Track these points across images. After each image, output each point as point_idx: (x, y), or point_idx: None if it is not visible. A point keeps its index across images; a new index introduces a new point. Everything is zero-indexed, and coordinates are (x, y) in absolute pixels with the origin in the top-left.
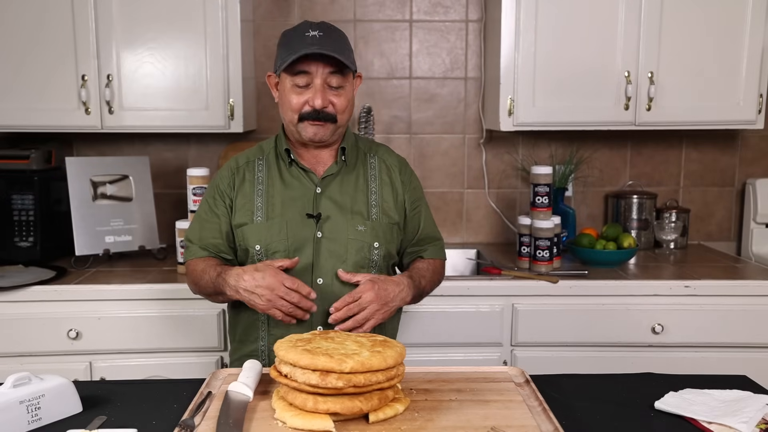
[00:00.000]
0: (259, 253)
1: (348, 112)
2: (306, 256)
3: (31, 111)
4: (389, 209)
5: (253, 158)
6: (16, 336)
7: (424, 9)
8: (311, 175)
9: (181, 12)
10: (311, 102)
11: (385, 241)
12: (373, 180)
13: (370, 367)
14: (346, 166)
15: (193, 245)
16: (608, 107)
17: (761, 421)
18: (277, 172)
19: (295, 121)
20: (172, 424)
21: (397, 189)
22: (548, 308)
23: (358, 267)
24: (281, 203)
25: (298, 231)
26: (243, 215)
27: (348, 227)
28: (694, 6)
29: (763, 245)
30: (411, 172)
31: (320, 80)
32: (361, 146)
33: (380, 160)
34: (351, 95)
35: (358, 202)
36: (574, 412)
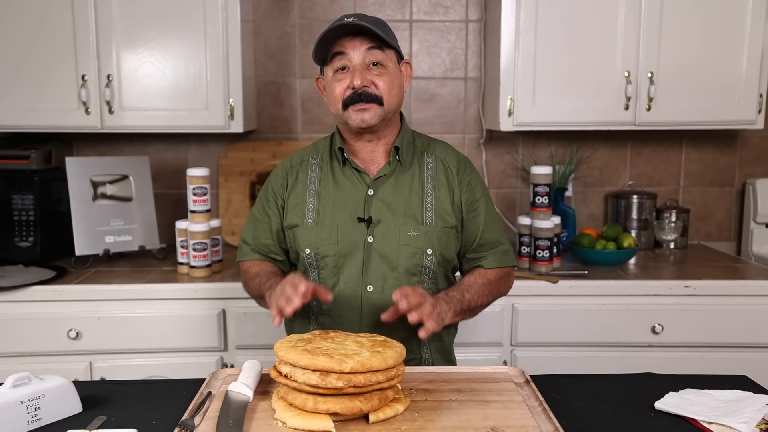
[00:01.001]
0: (309, 256)
1: (396, 95)
2: (356, 262)
3: (31, 111)
4: (445, 212)
5: (307, 157)
6: (16, 336)
7: (424, 9)
8: (364, 176)
9: (181, 12)
10: (351, 83)
11: (440, 246)
12: (429, 181)
13: (370, 367)
14: (400, 165)
15: (246, 246)
16: (608, 107)
17: (761, 422)
18: (330, 172)
19: (341, 111)
20: (172, 424)
21: (454, 190)
22: (548, 308)
23: (409, 275)
24: (332, 205)
25: (348, 235)
26: (294, 216)
27: (400, 232)
28: (694, 6)
29: (763, 245)
30: (471, 171)
31: (358, 57)
32: (418, 144)
33: (438, 160)
34: (397, 78)
35: (411, 205)
36: (574, 412)
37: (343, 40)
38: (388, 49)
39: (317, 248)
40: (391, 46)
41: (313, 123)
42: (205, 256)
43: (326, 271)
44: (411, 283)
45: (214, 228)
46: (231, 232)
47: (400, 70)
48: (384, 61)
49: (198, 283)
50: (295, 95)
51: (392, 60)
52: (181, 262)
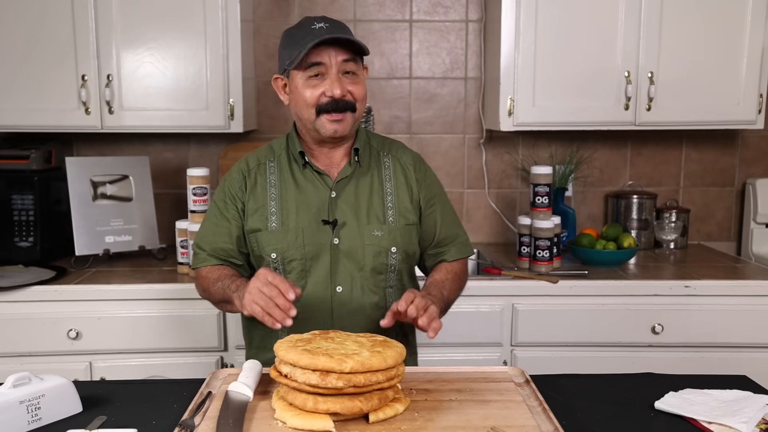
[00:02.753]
0: (275, 261)
1: (364, 101)
2: (324, 264)
3: (31, 111)
4: (406, 210)
5: (264, 160)
6: (16, 336)
7: (424, 9)
8: (326, 178)
9: (181, 12)
10: (328, 92)
11: (403, 244)
12: (388, 180)
13: (370, 367)
14: (360, 167)
15: (203, 252)
16: (608, 107)
17: (761, 421)
18: (290, 175)
19: (312, 117)
20: (172, 424)
21: (412, 188)
22: (548, 308)
23: (375, 273)
24: (296, 208)
25: (314, 238)
26: (256, 221)
27: (364, 232)
28: (694, 6)
29: (763, 245)
30: (426, 169)
31: (335, 68)
32: (374, 144)
33: (394, 159)
34: (365, 84)
35: (373, 206)
36: (574, 412)
37: (319, 48)
38: (360, 58)
39: (284, 252)
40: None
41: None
42: None
43: (293, 274)
44: (378, 281)
45: None
46: None
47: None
48: (356, 70)
49: None
50: None
51: (361, 68)
52: (181, 262)
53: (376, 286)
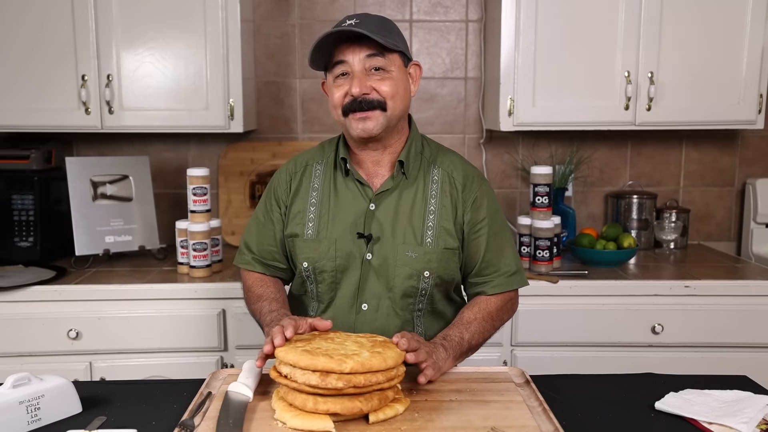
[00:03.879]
0: (307, 270)
1: (401, 99)
2: (353, 279)
3: (31, 111)
4: (447, 233)
5: (312, 162)
6: (16, 336)
7: (424, 9)
8: (366, 189)
9: (181, 12)
10: (350, 91)
11: (438, 269)
12: (432, 197)
13: (370, 367)
14: (405, 179)
15: (249, 253)
16: (608, 107)
17: (761, 422)
18: (332, 182)
19: (341, 118)
20: (172, 424)
21: (458, 208)
22: (548, 308)
23: (405, 296)
24: (333, 218)
25: (347, 250)
26: (295, 226)
27: (398, 252)
28: (694, 6)
29: (763, 245)
30: (478, 188)
31: (358, 65)
32: (426, 154)
33: (444, 173)
34: (403, 81)
35: (412, 224)
36: (574, 412)
37: (342, 46)
38: (391, 53)
39: (315, 262)
40: (393, 50)
41: (313, 123)
42: (205, 256)
43: (324, 285)
44: (405, 304)
45: (214, 228)
46: (231, 232)
47: (407, 73)
48: (386, 66)
49: (198, 283)
50: (295, 95)
51: (396, 64)
52: (181, 262)
53: (402, 309)
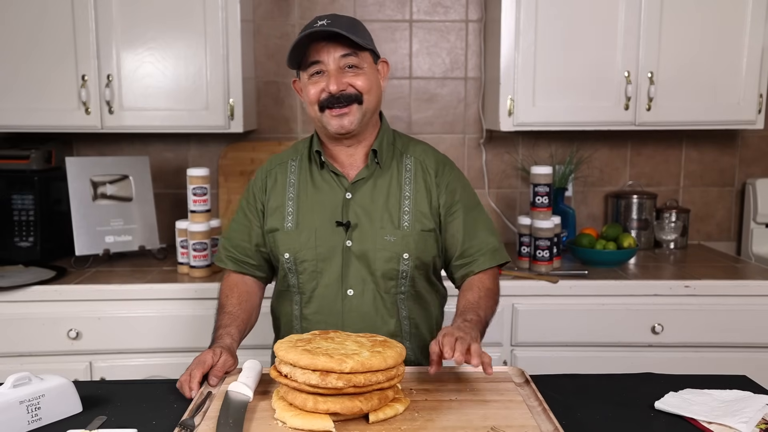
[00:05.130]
0: (289, 261)
1: (375, 94)
2: (335, 266)
3: (31, 111)
4: (423, 216)
5: (286, 159)
6: (16, 336)
7: (424, 9)
8: (342, 179)
9: (181, 12)
10: (327, 87)
11: (416, 250)
12: (407, 184)
13: (370, 367)
14: (379, 168)
15: (224, 250)
16: (608, 107)
17: (761, 421)
18: (309, 175)
19: (318, 114)
20: (172, 424)
21: (432, 192)
22: (548, 308)
23: (386, 279)
24: (311, 209)
25: (327, 239)
26: (274, 220)
27: (376, 236)
28: (694, 6)
29: (763, 245)
30: (450, 173)
31: (333, 64)
32: (398, 145)
33: (416, 161)
34: (375, 77)
35: (389, 209)
36: (574, 412)
37: (317, 45)
38: (363, 51)
39: (296, 253)
40: (365, 48)
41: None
42: (205, 256)
43: (305, 275)
44: (388, 287)
45: (214, 228)
46: None
47: (377, 70)
48: (359, 64)
49: (198, 283)
50: (295, 95)
51: (367, 61)
52: (181, 262)
53: (386, 292)
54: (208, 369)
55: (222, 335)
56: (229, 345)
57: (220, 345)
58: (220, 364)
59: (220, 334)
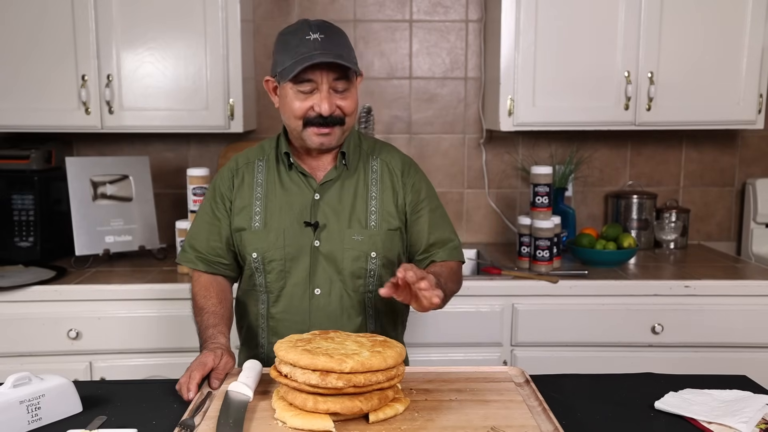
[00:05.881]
0: (256, 261)
1: (356, 113)
2: (303, 266)
3: (31, 111)
4: (389, 215)
5: (253, 159)
6: (16, 336)
7: (424, 9)
8: (310, 180)
9: (181, 12)
10: (317, 108)
11: (383, 249)
12: (373, 184)
13: (370, 367)
14: (346, 170)
15: (191, 251)
16: (608, 107)
17: (761, 421)
18: (277, 176)
19: (299, 128)
20: (172, 424)
21: (398, 192)
22: (548, 308)
23: (354, 277)
24: (279, 209)
25: (295, 239)
26: (241, 220)
27: (344, 236)
28: (694, 6)
29: (763, 245)
30: (415, 173)
31: (326, 87)
32: (364, 148)
33: (383, 163)
34: (356, 96)
35: (356, 210)
36: (574, 412)
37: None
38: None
39: (264, 252)
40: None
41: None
42: None
43: (273, 275)
44: (356, 285)
45: None
46: None
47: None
48: (348, 87)
49: None
50: None
51: (354, 81)
52: None
53: (354, 290)
54: (209, 371)
55: (215, 335)
56: (226, 344)
57: (218, 345)
58: (222, 366)
59: (212, 333)
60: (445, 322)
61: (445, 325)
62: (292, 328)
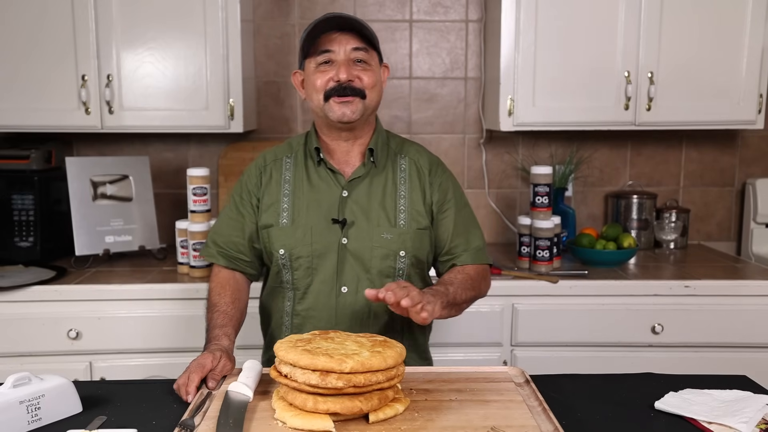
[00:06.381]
0: (284, 257)
1: (377, 92)
2: (330, 263)
3: (31, 111)
4: (418, 214)
5: (281, 156)
6: (16, 336)
7: (424, 9)
8: (338, 177)
9: (181, 12)
10: (335, 76)
11: (413, 248)
12: (402, 183)
13: (370, 367)
14: (374, 167)
15: (214, 246)
16: (608, 107)
17: (761, 421)
18: (305, 172)
19: (321, 102)
20: (172, 424)
21: (426, 191)
22: (548, 308)
23: (382, 276)
24: (307, 206)
25: (322, 236)
26: (269, 216)
27: (373, 234)
28: (694, 6)
29: (763, 245)
30: (443, 172)
31: (344, 54)
32: (392, 146)
33: (411, 161)
34: (379, 77)
35: (385, 207)
36: (574, 412)
37: (330, 35)
38: (372, 50)
39: (291, 249)
40: (375, 47)
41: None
42: None
43: (300, 272)
44: (384, 284)
45: None
46: None
47: (380, 71)
48: (368, 60)
49: (198, 283)
50: (295, 95)
51: (375, 60)
52: (181, 262)
53: None
54: (207, 373)
55: (219, 336)
56: (227, 347)
57: (219, 347)
58: (219, 368)
59: (217, 334)
60: (445, 322)
61: (445, 325)
62: (318, 326)
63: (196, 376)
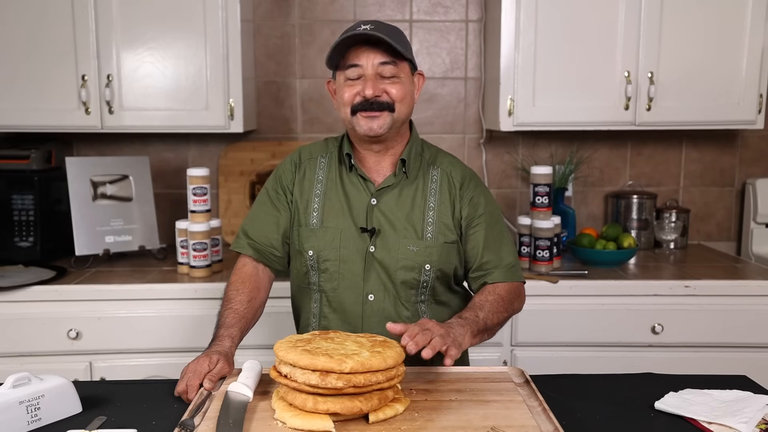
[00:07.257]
0: (312, 258)
1: (407, 104)
2: (357, 270)
3: (31, 111)
4: (446, 227)
5: (316, 155)
6: (16, 336)
7: (424, 9)
8: (369, 184)
9: (181, 12)
10: (362, 92)
11: (439, 262)
12: (432, 195)
13: (370, 367)
14: (405, 177)
15: (245, 237)
16: (608, 107)
17: (761, 422)
18: (337, 175)
19: (348, 115)
20: (172, 424)
21: (455, 205)
22: (548, 308)
23: (407, 287)
24: (337, 210)
25: (351, 242)
26: (300, 214)
27: (399, 246)
28: (694, 6)
29: (763, 245)
30: (475, 187)
31: (371, 69)
32: (426, 156)
33: (443, 173)
34: (410, 88)
35: (412, 219)
36: (574, 412)
37: (358, 50)
38: (402, 61)
39: (320, 251)
40: (405, 58)
41: (313, 123)
42: (205, 256)
43: (327, 274)
44: (408, 295)
45: (214, 228)
46: (231, 232)
47: (412, 81)
48: (397, 73)
49: (198, 283)
50: (295, 95)
51: (405, 71)
52: (181, 262)
53: (407, 300)
54: (204, 377)
55: (223, 337)
56: (227, 350)
57: (218, 350)
58: (216, 371)
59: (221, 335)
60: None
61: None
62: (346, 329)
63: (194, 383)
